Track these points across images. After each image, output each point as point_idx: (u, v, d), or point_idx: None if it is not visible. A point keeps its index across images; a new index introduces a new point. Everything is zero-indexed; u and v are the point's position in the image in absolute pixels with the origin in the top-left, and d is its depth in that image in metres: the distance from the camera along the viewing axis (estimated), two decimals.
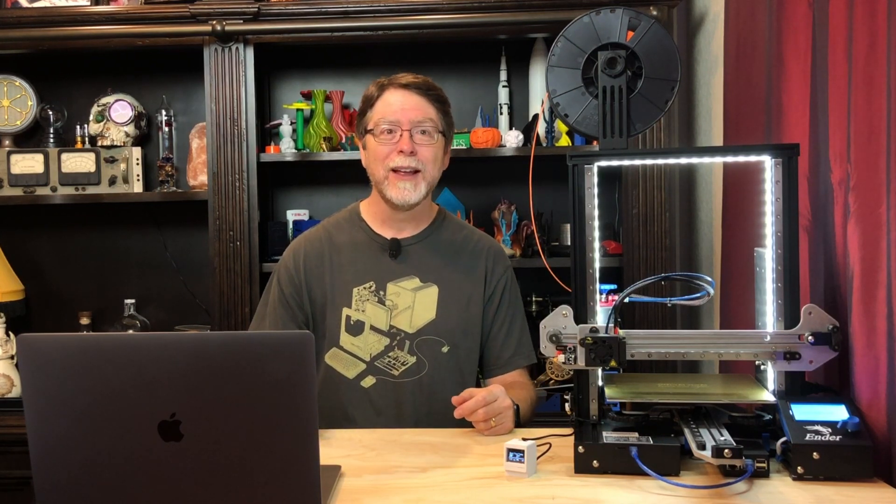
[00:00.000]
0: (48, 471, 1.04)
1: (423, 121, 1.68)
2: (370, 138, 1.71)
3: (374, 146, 1.70)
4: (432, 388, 1.68)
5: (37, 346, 1.04)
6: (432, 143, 1.69)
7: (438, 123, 1.71)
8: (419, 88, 1.69)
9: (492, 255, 1.78)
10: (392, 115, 1.67)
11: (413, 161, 1.66)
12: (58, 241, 2.79)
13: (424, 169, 1.68)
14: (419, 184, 1.67)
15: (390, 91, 1.70)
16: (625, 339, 1.33)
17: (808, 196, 1.52)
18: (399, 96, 1.69)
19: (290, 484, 1.02)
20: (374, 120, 1.70)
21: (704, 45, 2.45)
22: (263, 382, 1.01)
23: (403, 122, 1.67)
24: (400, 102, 1.68)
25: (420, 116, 1.68)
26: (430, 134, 1.69)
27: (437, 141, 1.70)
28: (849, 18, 1.35)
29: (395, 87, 1.70)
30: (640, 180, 2.35)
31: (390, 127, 1.67)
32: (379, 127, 1.68)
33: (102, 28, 2.43)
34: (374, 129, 1.70)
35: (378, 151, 1.68)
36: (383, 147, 1.68)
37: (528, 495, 1.20)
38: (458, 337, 1.70)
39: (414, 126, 1.67)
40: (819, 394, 1.37)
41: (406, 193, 1.67)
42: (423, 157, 1.67)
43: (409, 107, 1.68)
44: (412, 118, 1.67)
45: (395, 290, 1.70)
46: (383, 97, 1.70)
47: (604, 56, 1.42)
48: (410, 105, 1.68)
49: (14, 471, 2.30)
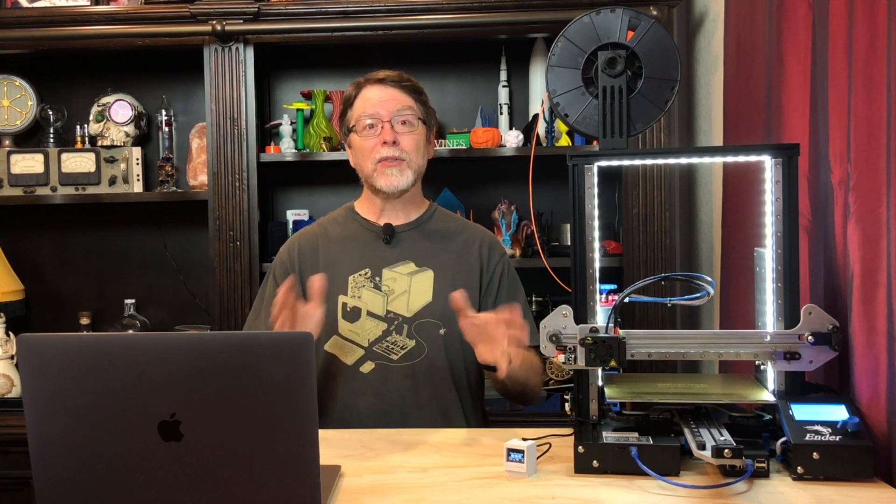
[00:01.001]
0: (48, 471, 1.04)
1: (401, 109, 1.73)
2: (354, 136, 1.76)
3: (358, 142, 1.75)
4: (431, 372, 1.69)
5: (37, 346, 1.04)
6: (413, 132, 1.74)
7: (417, 111, 1.75)
8: (394, 81, 1.75)
9: (486, 244, 1.79)
10: (371, 108, 1.72)
11: (396, 151, 1.70)
12: (58, 241, 2.79)
13: (409, 158, 1.72)
14: (405, 170, 1.72)
15: (367, 88, 1.75)
16: (625, 339, 1.33)
17: (808, 196, 1.52)
18: (376, 91, 1.74)
19: (290, 484, 1.02)
20: (356, 117, 1.75)
21: (704, 45, 2.45)
22: (263, 382, 1.01)
23: (383, 114, 1.71)
24: (378, 96, 1.73)
25: (398, 106, 1.73)
26: (410, 123, 1.73)
27: (418, 128, 1.75)
28: (849, 18, 1.35)
29: (371, 83, 1.75)
30: (640, 180, 2.35)
31: (371, 121, 1.72)
32: (361, 123, 1.73)
33: (102, 28, 2.43)
34: (356, 126, 1.75)
35: (363, 146, 1.73)
36: (368, 141, 1.72)
37: (528, 495, 1.19)
38: (455, 320, 1.70)
39: (394, 116, 1.72)
40: (819, 394, 1.37)
41: (394, 179, 1.71)
42: (406, 147, 1.72)
43: (386, 98, 1.73)
44: (391, 109, 1.72)
45: (390, 276, 1.72)
46: (361, 95, 1.75)
47: (604, 56, 1.42)
48: (387, 97, 1.73)
49: (14, 471, 2.30)
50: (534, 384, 1.71)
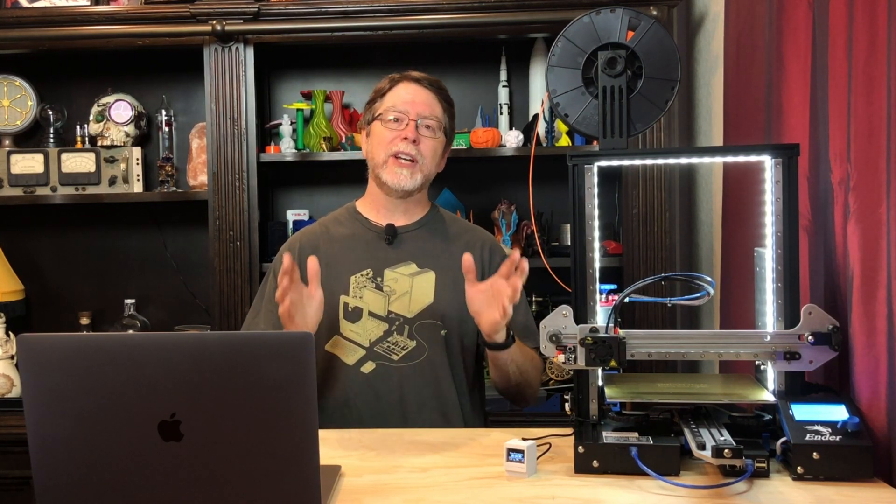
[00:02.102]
0: (48, 471, 1.04)
1: (429, 116, 1.74)
2: (377, 124, 1.76)
3: (379, 131, 1.75)
4: (432, 372, 1.69)
5: (37, 346, 1.04)
6: (434, 139, 1.74)
7: (443, 122, 1.77)
8: (431, 85, 1.77)
9: (487, 246, 1.80)
10: (402, 104, 1.73)
11: (413, 150, 1.71)
12: (58, 241, 2.79)
13: (423, 161, 1.72)
14: (416, 173, 1.72)
15: (403, 84, 1.76)
16: (625, 339, 1.33)
17: (808, 196, 1.52)
18: (411, 89, 1.75)
19: (290, 484, 1.02)
20: (384, 108, 1.75)
21: (704, 45, 2.45)
22: (263, 382, 1.01)
23: (411, 113, 1.72)
24: (411, 95, 1.75)
25: (427, 112, 1.74)
26: (434, 129, 1.74)
27: (439, 138, 1.76)
28: (849, 18, 1.35)
29: (408, 80, 1.76)
30: (640, 180, 2.35)
31: (398, 116, 1.73)
32: (388, 114, 1.74)
33: (102, 28, 2.43)
34: (381, 115, 1.75)
35: (383, 135, 1.73)
36: (388, 132, 1.73)
37: (528, 495, 1.19)
38: (456, 321, 1.71)
39: (420, 119, 1.73)
40: (819, 394, 1.37)
41: (402, 179, 1.71)
42: (424, 150, 1.72)
43: (419, 100, 1.74)
44: (420, 111, 1.73)
45: (392, 276, 1.72)
46: (395, 89, 1.76)
47: (604, 56, 1.42)
48: (420, 99, 1.74)
49: (14, 471, 2.30)
50: (532, 378, 1.70)
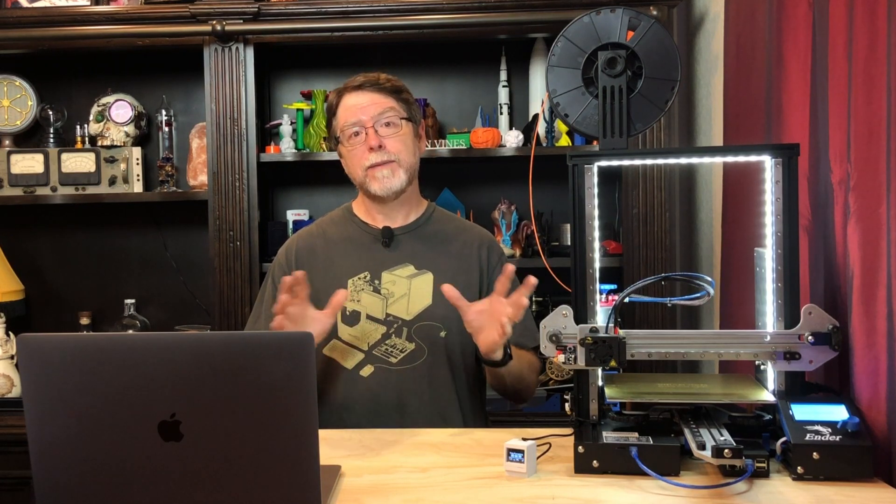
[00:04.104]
0: (48, 471, 1.04)
1: (383, 112, 1.72)
2: (342, 147, 1.76)
3: (347, 152, 1.75)
4: (431, 375, 1.69)
5: (37, 346, 1.04)
6: (399, 132, 1.73)
7: (400, 111, 1.74)
8: (373, 85, 1.74)
9: (485, 245, 1.79)
10: (353, 116, 1.72)
11: (384, 155, 1.70)
12: (58, 241, 2.80)
13: (398, 157, 1.71)
14: (397, 171, 1.71)
15: (346, 96, 1.75)
16: (625, 339, 1.33)
17: (808, 196, 1.52)
18: (355, 98, 1.73)
19: (290, 484, 1.02)
20: (340, 127, 1.74)
21: (704, 45, 2.45)
22: (263, 382, 1.01)
23: (366, 120, 1.71)
24: (358, 102, 1.72)
25: (379, 109, 1.71)
26: (394, 124, 1.72)
27: (403, 128, 1.73)
28: (849, 18, 1.35)
29: (350, 90, 1.75)
30: (640, 180, 2.35)
31: (355, 129, 1.72)
32: (346, 132, 1.73)
33: (102, 28, 2.43)
34: (341, 137, 1.74)
35: (352, 156, 1.73)
36: (355, 150, 1.72)
37: (528, 495, 1.19)
38: (455, 322, 1.70)
39: (376, 121, 1.71)
40: (819, 394, 1.37)
41: (386, 182, 1.70)
42: (393, 148, 1.71)
43: (366, 104, 1.72)
44: (372, 113, 1.71)
45: (390, 279, 1.72)
46: (342, 103, 1.75)
47: (604, 56, 1.42)
48: (367, 102, 1.72)
49: (14, 471, 2.30)
50: (531, 381, 1.71)
